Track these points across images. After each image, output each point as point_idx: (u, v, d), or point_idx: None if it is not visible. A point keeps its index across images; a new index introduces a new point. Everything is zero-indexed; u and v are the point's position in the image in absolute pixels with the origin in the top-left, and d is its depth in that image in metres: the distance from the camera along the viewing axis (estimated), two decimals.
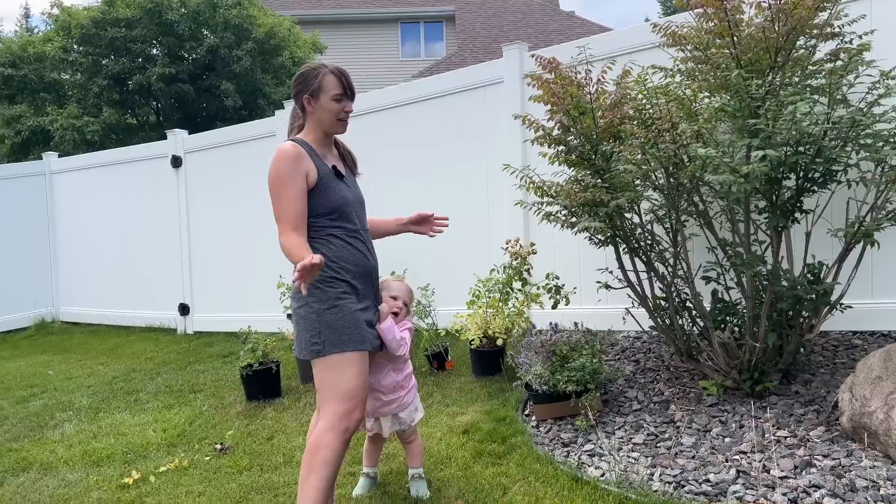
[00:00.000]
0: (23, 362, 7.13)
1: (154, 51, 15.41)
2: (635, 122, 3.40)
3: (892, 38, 3.78)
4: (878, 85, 3.50)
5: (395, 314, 2.85)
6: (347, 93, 2.67)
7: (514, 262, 4.49)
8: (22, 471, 3.93)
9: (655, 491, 2.81)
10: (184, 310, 7.76)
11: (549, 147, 3.72)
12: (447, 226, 3.06)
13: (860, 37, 3.49)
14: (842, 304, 3.57)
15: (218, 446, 3.95)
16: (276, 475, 3.45)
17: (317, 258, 2.20)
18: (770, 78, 2.98)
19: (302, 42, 16.90)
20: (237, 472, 3.58)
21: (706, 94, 3.46)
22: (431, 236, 3.09)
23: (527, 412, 3.85)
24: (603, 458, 3.18)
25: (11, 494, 3.59)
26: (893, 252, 3.90)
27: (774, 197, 3.10)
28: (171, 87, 14.67)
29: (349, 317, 2.51)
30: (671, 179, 3.28)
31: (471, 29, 20.87)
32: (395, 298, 2.88)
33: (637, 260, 3.80)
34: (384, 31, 22.55)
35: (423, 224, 3.06)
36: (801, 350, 3.81)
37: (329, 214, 2.55)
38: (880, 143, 3.38)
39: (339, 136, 2.82)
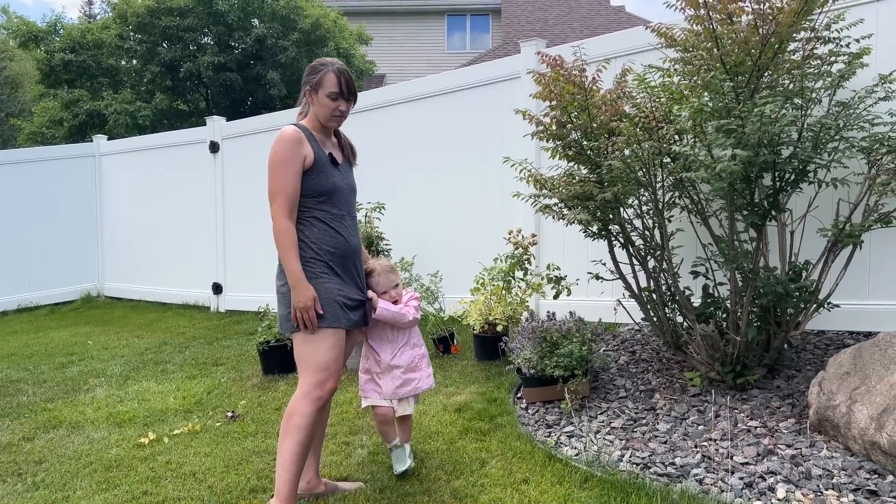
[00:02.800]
0: (66, 332, 7.58)
1: (205, 39, 15.95)
2: (628, 120, 3.53)
3: (889, 43, 3.83)
4: (876, 88, 3.57)
5: (396, 302, 3.05)
6: (344, 93, 2.82)
7: (517, 252, 4.65)
8: (52, 428, 4.28)
9: (622, 470, 2.96)
10: (217, 289, 8.13)
11: (547, 141, 3.87)
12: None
13: (857, 41, 3.54)
14: (829, 303, 3.65)
15: (229, 414, 4.24)
16: (277, 441, 3.68)
17: (311, 311, 2.63)
18: (747, 79, 3.07)
19: (347, 33, 17.23)
20: (243, 437, 3.85)
21: (701, 93, 3.57)
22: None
23: (519, 395, 4.02)
24: (581, 440, 3.33)
25: (40, 448, 3.92)
26: (889, 254, 3.94)
27: (750, 195, 3.20)
28: (220, 76, 15.17)
29: (324, 294, 2.71)
30: (653, 176, 3.41)
31: (516, 22, 20.90)
32: (384, 294, 3.02)
33: (630, 253, 3.92)
34: (430, 23, 22.74)
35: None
36: (787, 346, 3.89)
37: (317, 197, 2.75)
38: (876, 145, 3.46)
39: (340, 127, 3.01)
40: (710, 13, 3.14)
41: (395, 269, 3.13)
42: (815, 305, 3.56)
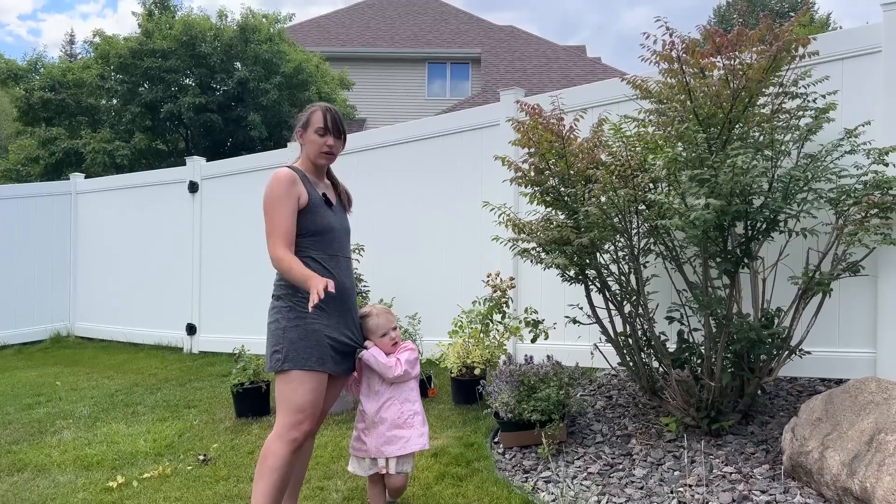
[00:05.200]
0: (34, 373, 7.41)
1: (187, 81, 16.02)
2: (604, 168, 3.61)
3: (854, 99, 3.99)
4: (842, 142, 3.70)
5: (396, 344, 2.99)
6: (330, 129, 2.88)
7: (495, 295, 4.68)
8: (17, 471, 4.16)
9: None
10: (191, 330, 8.03)
11: (525, 187, 3.94)
12: None
13: (823, 97, 3.69)
14: (801, 349, 3.71)
15: (201, 457, 4.16)
16: (249, 486, 3.62)
17: (331, 283, 2.49)
18: (719, 131, 3.18)
19: (329, 78, 17.42)
20: (215, 481, 3.78)
21: (675, 144, 3.67)
22: None
23: (496, 439, 4.01)
24: (557, 485, 3.32)
25: (4, 492, 3.81)
26: (859, 302, 4.02)
27: (723, 243, 3.29)
28: (201, 116, 15.20)
29: (312, 336, 2.70)
30: (629, 223, 3.48)
31: (495, 71, 21.37)
32: (384, 335, 2.97)
33: (606, 297, 3.97)
34: (411, 71, 23.14)
35: None
36: (761, 393, 3.93)
37: (311, 236, 2.78)
38: (843, 196, 3.58)
39: (335, 173, 3.09)
40: (684, 67, 3.26)
41: (390, 311, 3.08)
42: (787, 352, 3.62)
